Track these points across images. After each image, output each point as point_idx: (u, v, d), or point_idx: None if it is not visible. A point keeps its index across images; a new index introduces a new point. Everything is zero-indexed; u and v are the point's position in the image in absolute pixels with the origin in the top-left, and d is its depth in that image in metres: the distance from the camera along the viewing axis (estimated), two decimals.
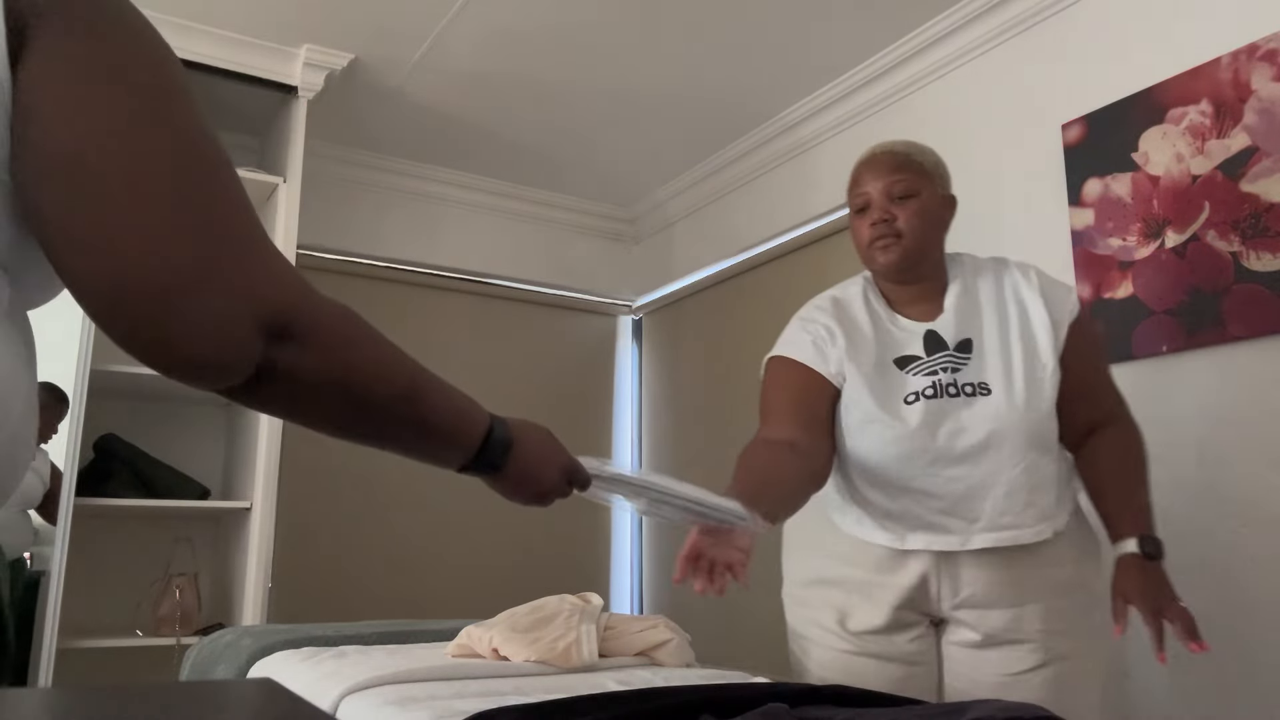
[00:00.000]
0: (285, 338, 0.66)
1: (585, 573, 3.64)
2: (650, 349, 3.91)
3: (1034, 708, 0.90)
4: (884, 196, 1.46)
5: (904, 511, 1.43)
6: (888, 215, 1.45)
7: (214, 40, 2.64)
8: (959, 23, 2.50)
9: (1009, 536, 1.38)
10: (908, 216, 1.44)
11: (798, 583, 1.59)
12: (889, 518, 1.44)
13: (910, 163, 1.48)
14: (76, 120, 0.58)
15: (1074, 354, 1.44)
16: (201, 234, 0.61)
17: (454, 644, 1.57)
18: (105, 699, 0.95)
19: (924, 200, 1.46)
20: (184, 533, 2.88)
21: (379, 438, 0.84)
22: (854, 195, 1.51)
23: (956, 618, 1.45)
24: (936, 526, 1.40)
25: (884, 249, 1.46)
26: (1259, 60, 1.87)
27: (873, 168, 1.49)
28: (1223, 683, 1.82)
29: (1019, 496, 1.38)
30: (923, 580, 1.44)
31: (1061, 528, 1.42)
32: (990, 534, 1.38)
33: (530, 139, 3.29)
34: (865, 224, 1.47)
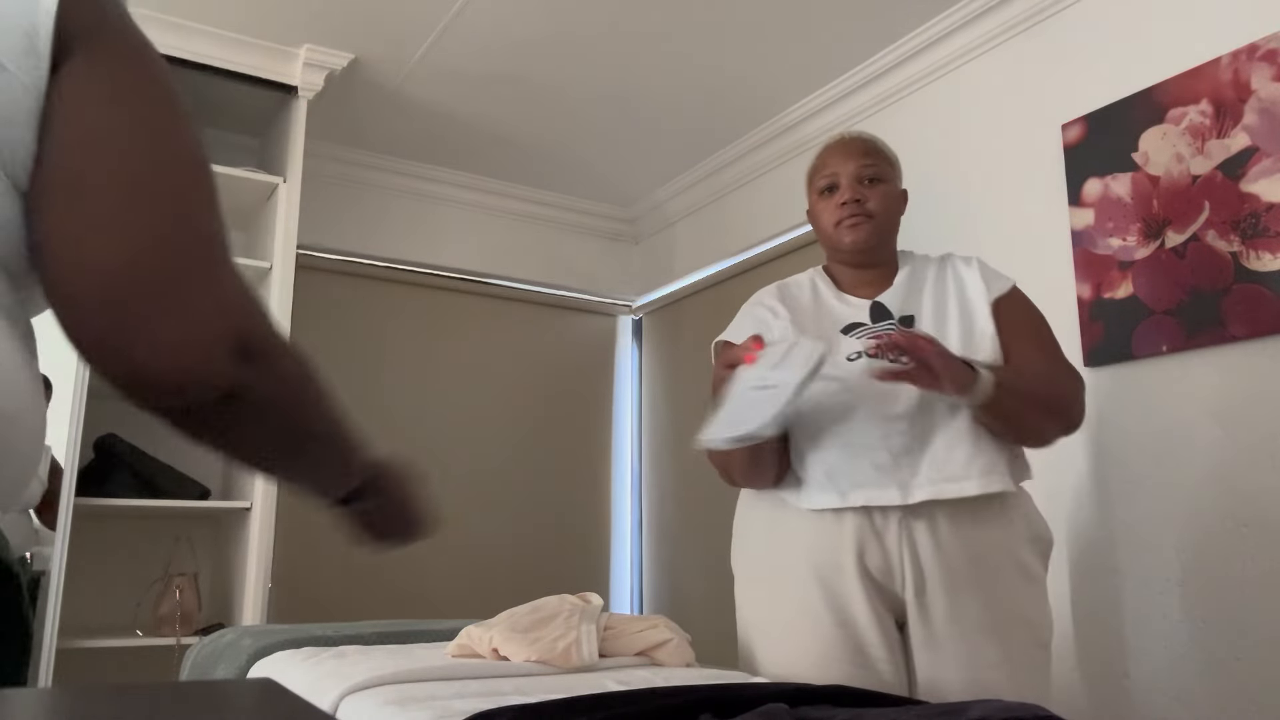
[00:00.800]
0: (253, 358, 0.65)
1: (585, 573, 3.64)
2: (650, 349, 3.91)
3: (1034, 708, 0.90)
4: (854, 179, 1.51)
5: (846, 468, 1.42)
6: (859, 196, 1.50)
7: (214, 40, 2.65)
8: (959, 23, 2.50)
9: (952, 489, 1.38)
10: (878, 198, 1.51)
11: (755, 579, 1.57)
12: (831, 477, 1.43)
13: (879, 150, 1.55)
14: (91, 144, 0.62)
15: (1010, 325, 1.47)
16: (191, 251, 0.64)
17: (454, 644, 1.57)
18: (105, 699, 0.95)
19: (890, 187, 1.54)
20: (184, 533, 2.88)
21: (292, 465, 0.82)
22: (820, 176, 1.55)
23: (921, 606, 1.41)
24: (878, 482, 1.40)
25: (853, 227, 1.50)
26: (1259, 60, 1.87)
27: (842, 151, 1.54)
28: (1223, 682, 1.82)
29: (960, 450, 1.39)
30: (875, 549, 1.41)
31: (1010, 488, 1.41)
32: (931, 486, 1.38)
33: (530, 139, 3.29)
34: (833, 204, 1.52)
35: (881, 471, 1.40)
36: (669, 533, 3.61)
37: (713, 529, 3.37)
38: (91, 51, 0.64)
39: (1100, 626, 2.05)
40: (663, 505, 3.67)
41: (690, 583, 3.45)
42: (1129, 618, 2.00)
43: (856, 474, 1.41)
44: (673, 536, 3.58)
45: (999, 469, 1.41)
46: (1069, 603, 2.12)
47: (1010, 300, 1.51)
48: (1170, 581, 1.93)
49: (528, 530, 3.54)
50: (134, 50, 0.67)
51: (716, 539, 3.34)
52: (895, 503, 1.39)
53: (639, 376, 3.94)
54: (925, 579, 1.40)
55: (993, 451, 1.41)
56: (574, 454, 3.73)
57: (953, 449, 1.40)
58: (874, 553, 1.42)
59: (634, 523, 3.81)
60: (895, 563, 1.41)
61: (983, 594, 1.40)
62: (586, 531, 3.70)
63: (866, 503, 1.40)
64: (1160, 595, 1.95)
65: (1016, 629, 1.41)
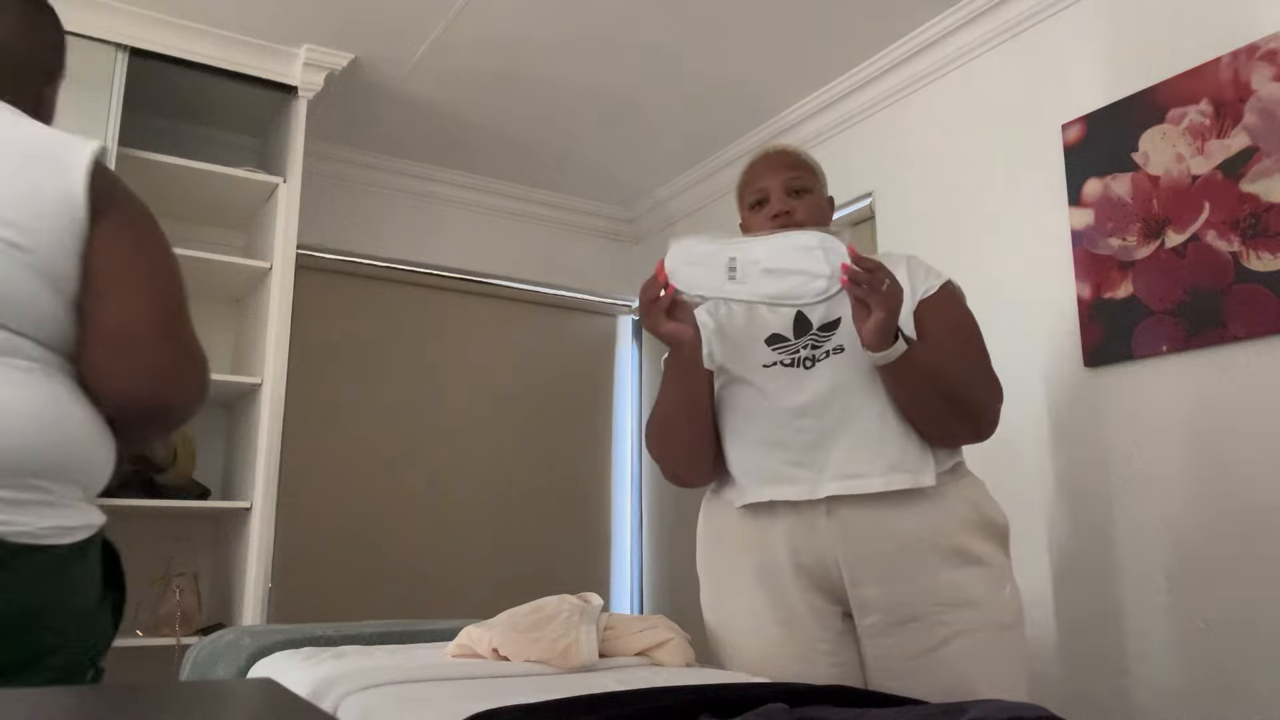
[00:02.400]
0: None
1: (585, 573, 3.64)
2: (650, 349, 3.91)
3: (1034, 707, 0.90)
4: (782, 191, 1.56)
5: (758, 465, 1.48)
6: (788, 208, 1.55)
7: (214, 40, 2.65)
8: (959, 23, 2.50)
9: (858, 484, 1.41)
10: (805, 209, 1.56)
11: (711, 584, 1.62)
12: (745, 474, 1.50)
13: (803, 162, 1.60)
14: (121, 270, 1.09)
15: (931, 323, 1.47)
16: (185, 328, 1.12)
17: (454, 644, 1.57)
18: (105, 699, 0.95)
19: (816, 197, 1.59)
20: (184, 533, 2.88)
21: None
22: (750, 190, 1.62)
23: (860, 598, 1.43)
24: (787, 477, 1.45)
25: None
26: (1259, 60, 1.87)
27: (769, 165, 1.60)
28: (1223, 682, 1.82)
29: (866, 447, 1.42)
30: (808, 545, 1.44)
31: (924, 484, 1.41)
32: (837, 482, 1.41)
33: (530, 139, 3.29)
34: (764, 217, 1.58)
35: (790, 466, 1.45)
36: (669, 533, 3.61)
37: None
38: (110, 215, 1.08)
39: (1099, 626, 2.05)
40: (663, 505, 3.67)
41: (690, 583, 3.43)
42: (1128, 617, 2.00)
43: (766, 470, 1.47)
44: (673, 536, 3.58)
45: (907, 466, 1.41)
46: (1068, 602, 2.12)
47: (936, 299, 1.50)
48: (1169, 581, 1.94)
49: (528, 530, 3.54)
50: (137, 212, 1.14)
51: None
52: (804, 497, 1.43)
53: (639, 376, 3.94)
54: (858, 570, 1.43)
55: (900, 448, 1.42)
56: (574, 454, 3.73)
57: (859, 445, 1.42)
58: (807, 549, 1.45)
59: (634, 523, 3.81)
60: (828, 557, 1.44)
61: (917, 580, 1.41)
62: (586, 531, 3.70)
63: (774, 497, 1.46)
64: (1159, 595, 1.95)
65: (961, 611, 1.40)
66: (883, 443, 1.42)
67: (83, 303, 1.05)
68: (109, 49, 2.51)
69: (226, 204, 2.91)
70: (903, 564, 1.41)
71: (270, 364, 2.62)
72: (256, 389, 2.67)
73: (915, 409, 1.42)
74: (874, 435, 1.42)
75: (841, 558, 1.43)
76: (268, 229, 2.82)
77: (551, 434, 3.68)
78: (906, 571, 1.41)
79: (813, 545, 1.45)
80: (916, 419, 1.43)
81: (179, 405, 1.08)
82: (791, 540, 1.46)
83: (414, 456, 3.37)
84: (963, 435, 1.47)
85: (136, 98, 2.77)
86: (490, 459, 3.52)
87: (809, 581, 1.46)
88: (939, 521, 1.42)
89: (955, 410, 1.42)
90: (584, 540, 3.68)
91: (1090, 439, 2.11)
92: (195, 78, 2.73)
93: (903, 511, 1.42)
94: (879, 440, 1.42)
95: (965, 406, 1.43)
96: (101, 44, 2.50)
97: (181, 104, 2.94)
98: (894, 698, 1.06)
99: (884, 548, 1.42)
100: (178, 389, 1.07)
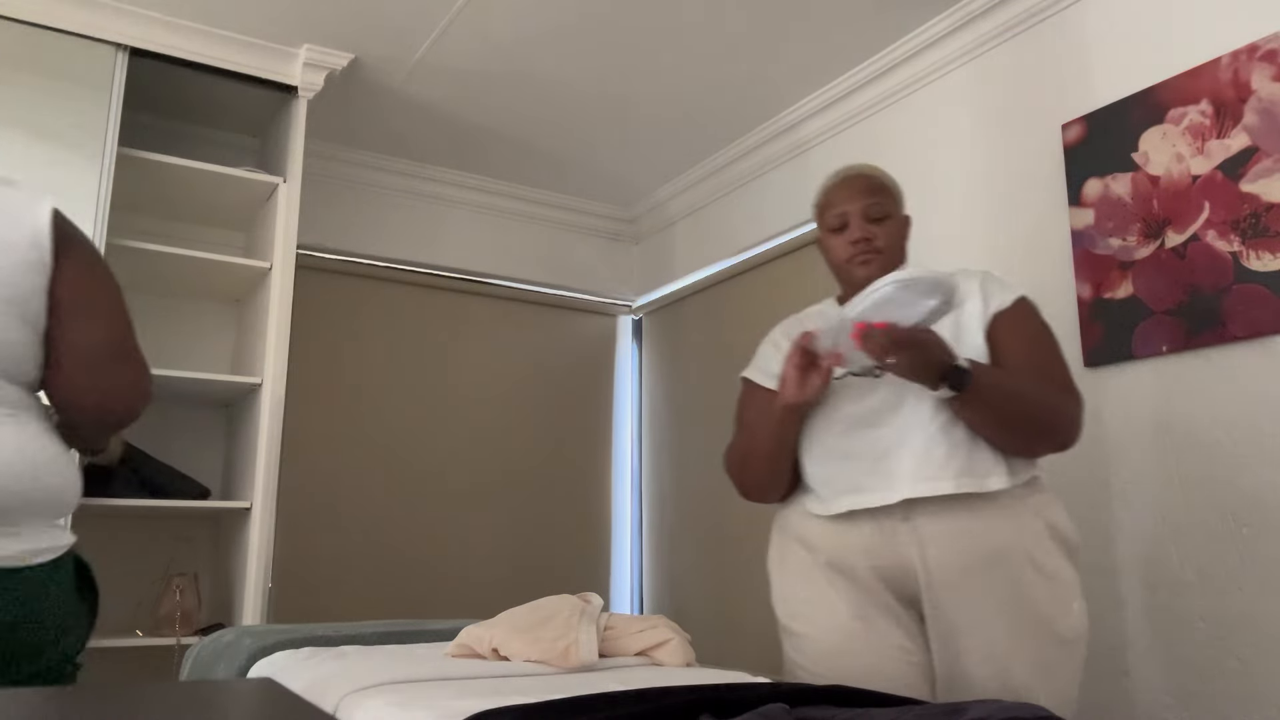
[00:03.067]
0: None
1: (585, 573, 3.64)
2: (650, 349, 3.91)
3: (1034, 708, 0.90)
4: (861, 217, 1.60)
5: (834, 477, 1.52)
6: (868, 234, 1.59)
7: (214, 40, 2.65)
8: (959, 23, 2.50)
9: (927, 487, 1.43)
10: (885, 235, 1.60)
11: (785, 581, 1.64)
12: (824, 486, 1.54)
13: (883, 186, 1.63)
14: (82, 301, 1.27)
15: (1006, 337, 1.51)
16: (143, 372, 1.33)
17: (454, 644, 1.57)
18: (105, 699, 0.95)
19: (894, 221, 1.62)
20: (184, 533, 2.88)
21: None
22: (830, 215, 1.64)
23: (933, 602, 1.46)
24: (862, 487, 1.48)
25: (864, 263, 1.60)
26: (1259, 60, 1.87)
27: (848, 190, 1.63)
28: (1222, 682, 1.82)
29: (936, 452, 1.45)
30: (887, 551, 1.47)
31: (991, 488, 1.43)
32: (911, 485, 1.44)
33: (530, 139, 3.29)
34: (844, 241, 1.61)
35: (863, 476, 1.49)
36: (669, 533, 3.61)
37: (713, 529, 3.37)
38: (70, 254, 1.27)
39: (1100, 626, 2.05)
40: (663, 505, 3.67)
41: (690, 583, 3.45)
42: (1129, 617, 2.00)
43: (842, 481, 1.51)
44: (673, 536, 3.58)
45: (978, 470, 1.44)
46: None
47: (1012, 313, 1.53)
48: (1170, 581, 1.93)
49: (528, 530, 3.54)
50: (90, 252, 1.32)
51: (716, 539, 3.35)
52: (877, 504, 1.46)
53: (639, 376, 3.94)
54: (934, 575, 1.45)
55: (969, 453, 1.45)
56: (574, 454, 3.73)
57: (929, 451, 1.45)
58: (887, 553, 1.48)
59: (634, 523, 3.81)
60: (906, 562, 1.47)
61: (987, 589, 1.43)
62: (586, 531, 3.70)
63: (851, 507, 1.49)
64: (1160, 595, 1.95)
65: (1027, 623, 1.43)
66: (953, 447, 1.45)
67: (51, 330, 1.24)
68: (109, 49, 2.51)
69: (226, 204, 2.91)
70: (975, 573, 1.44)
71: (270, 364, 2.62)
72: (256, 389, 2.67)
73: (989, 430, 1.45)
74: (942, 442, 1.45)
75: (919, 563, 1.46)
76: (268, 229, 2.82)
77: (551, 434, 3.68)
78: (978, 580, 1.43)
79: (893, 550, 1.47)
80: (993, 438, 1.46)
81: (131, 411, 1.30)
82: (871, 546, 1.49)
83: (414, 456, 3.37)
84: (1042, 448, 1.49)
85: (136, 98, 2.77)
86: (490, 459, 3.52)
87: (886, 585, 1.49)
88: (1013, 533, 1.45)
89: (1031, 428, 1.45)
90: (584, 540, 3.69)
91: (1090, 439, 2.11)
92: (195, 78, 2.73)
93: (978, 521, 1.44)
94: (949, 446, 1.45)
95: (1041, 424, 1.46)
96: (101, 44, 2.50)
97: (181, 104, 2.94)
98: (895, 698, 1.06)
99: (959, 556, 1.44)
100: (130, 398, 1.29)
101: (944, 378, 1.39)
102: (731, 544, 3.24)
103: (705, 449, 3.45)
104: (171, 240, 2.90)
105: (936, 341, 1.38)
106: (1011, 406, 1.43)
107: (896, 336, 1.34)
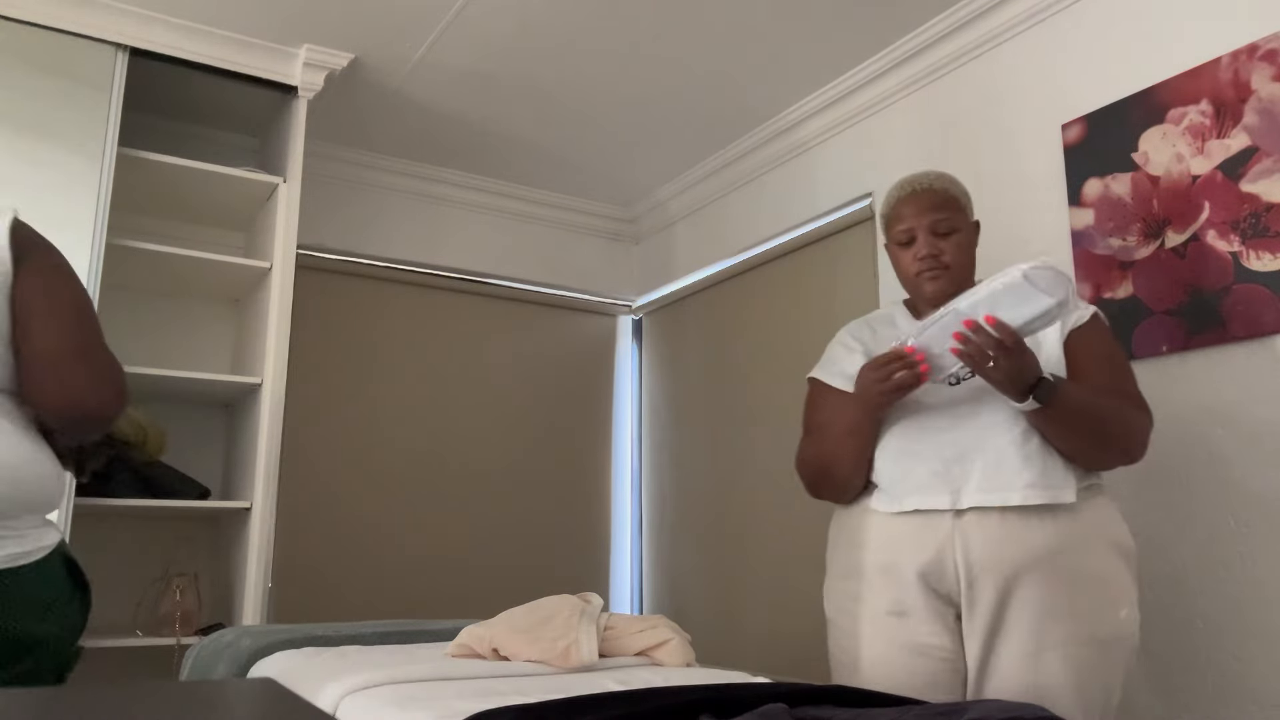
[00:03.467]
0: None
1: (585, 573, 3.64)
2: (650, 349, 3.91)
3: (1034, 708, 0.90)
4: (929, 233, 1.61)
5: (904, 475, 1.53)
6: (935, 250, 1.61)
7: (214, 40, 2.65)
8: (959, 23, 2.50)
9: (997, 497, 1.45)
10: (953, 250, 1.61)
11: (833, 575, 1.67)
12: (894, 484, 1.55)
13: (950, 200, 1.63)
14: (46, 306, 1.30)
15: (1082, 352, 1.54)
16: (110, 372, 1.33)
17: (454, 644, 1.57)
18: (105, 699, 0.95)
19: (963, 234, 1.63)
20: (184, 533, 2.88)
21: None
22: (897, 230, 1.65)
23: (972, 598, 1.47)
24: (931, 488, 1.50)
25: (933, 279, 1.62)
26: (1259, 60, 1.87)
27: (915, 204, 1.63)
28: (1222, 682, 1.82)
29: (1009, 462, 1.46)
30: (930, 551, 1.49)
31: (1064, 501, 1.45)
32: (979, 494, 1.46)
33: (530, 139, 3.29)
34: (912, 256, 1.63)
35: (934, 478, 1.50)
36: (669, 533, 3.61)
37: (713, 529, 3.37)
38: (32, 261, 1.31)
39: None
40: (663, 505, 3.67)
41: (690, 583, 3.45)
42: None
43: (911, 480, 1.52)
44: (673, 536, 3.58)
45: (1048, 483, 1.45)
46: None
47: (1087, 329, 1.57)
48: (1170, 581, 1.94)
49: (528, 530, 3.54)
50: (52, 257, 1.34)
51: (716, 539, 3.35)
52: (945, 507, 1.48)
53: (639, 376, 3.94)
54: (975, 571, 1.46)
55: (1042, 465, 1.46)
56: (574, 454, 3.73)
57: (1002, 460, 1.47)
58: (930, 545, 1.50)
59: (634, 523, 3.81)
60: (947, 556, 1.48)
61: (1029, 587, 1.44)
62: (586, 531, 3.70)
63: (918, 507, 1.50)
64: (1160, 594, 1.95)
65: (1065, 623, 1.44)
66: (1025, 459, 1.46)
67: (16, 335, 1.28)
68: (109, 49, 2.51)
69: (226, 204, 2.91)
70: (1019, 575, 1.45)
71: (270, 364, 2.62)
72: (256, 389, 2.67)
73: (1066, 444, 1.47)
74: (1016, 452, 1.47)
75: (960, 558, 1.47)
76: (268, 229, 2.82)
77: (551, 434, 3.68)
78: (1022, 582, 1.45)
79: (935, 546, 1.49)
80: (1067, 451, 1.48)
81: (100, 411, 1.31)
82: (918, 543, 1.50)
83: (414, 456, 3.37)
84: (1113, 461, 1.52)
85: (136, 98, 2.77)
86: (490, 458, 3.52)
87: (926, 581, 1.50)
88: (1064, 536, 1.46)
89: (1106, 442, 1.48)
90: (584, 540, 3.69)
91: None
92: (195, 78, 2.73)
93: (1030, 523, 1.46)
94: (1022, 458, 1.46)
95: (1116, 439, 1.48)
96: (101, 44, 2.50)
97: (181, 104, 2.94)
98: (894, 698, 1.06)
99: (1005, 554, 1.45)
100: (98, 398, 1.30)
101: (1031, 389, 1.40)
102: (732, 544, 3.24)
103: (705, 449, 3.45)
104: (171, 240, 2.90)
105: (1030, 352, 1.40)
106: (1090, 422, 1.45)
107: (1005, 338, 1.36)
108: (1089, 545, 1.47)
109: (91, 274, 2.36)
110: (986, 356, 1.38)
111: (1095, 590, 1.46)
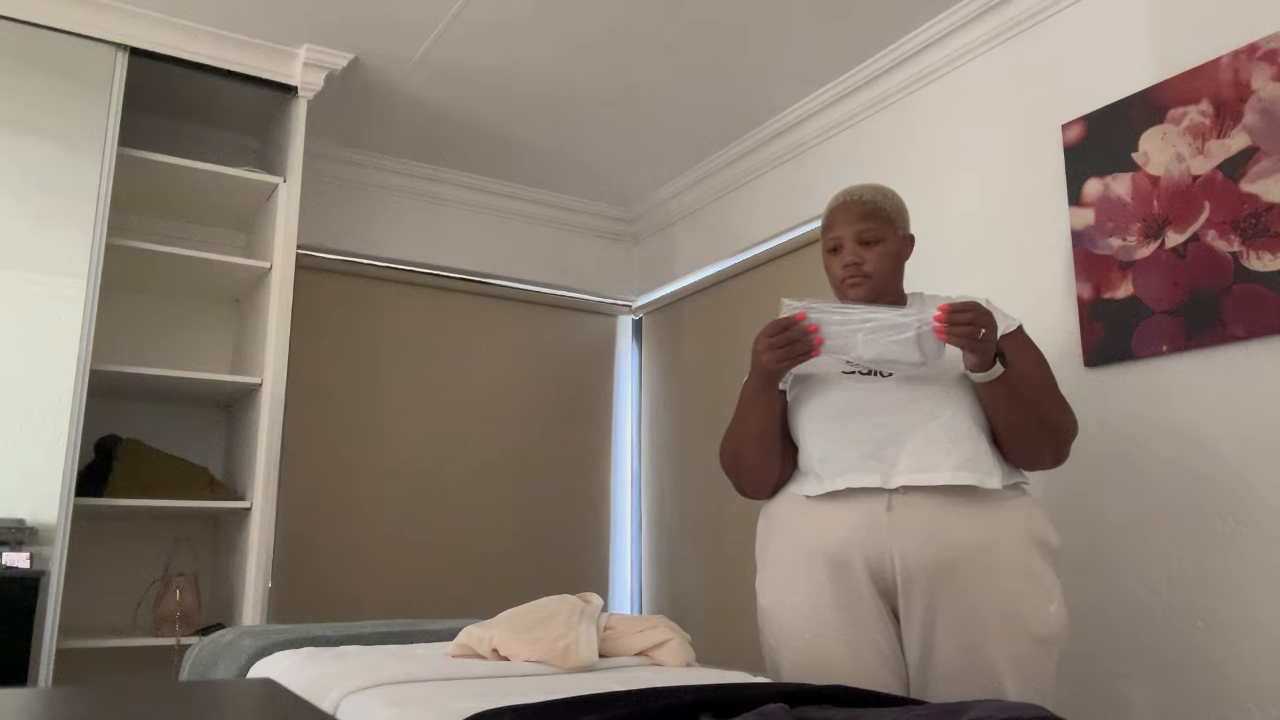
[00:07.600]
0: None
1: (585, 573, 3.64)
2: (650, 349, 3.91)
3: (1034, 708, 0.90)
4: (854, 241, 1.66)
5: (834, 457, 1.57)
6: (858, 259, 1.66)
7: (214, 40, 2.65)
8: (959, 23, 2.50)
9: (925, 477, 1.50)
10: (874, 259, 1.66)
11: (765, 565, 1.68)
12: (822, 464, 1.58)
13: (878, 211, 1.68)
14: None
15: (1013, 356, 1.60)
16: None
17: (454, 644, 1.57)
18: (105, 699, 0.95)
19: (888, 245, 1.67)
20: (184, 533, 2.88)
21: None
22: (828, 237, 1.71)
23: (908, 595, 1.50)
24: (861, 468, 1.54)
25: (854, 285, 1.67)
26: (1259, 60, 1.87)
27: (844, 214, 1.69)
28: (1221, 681, 1.83)
29: (938, 445, 1.52)
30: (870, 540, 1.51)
31: (990, 486, 1.50)
32: (908, 474, 1.51)
33: (530, 139, 3.29)
34: (838, 263, 1.69)
35: (865, 459, 1.54)
36: (669, 533, 3.61)
37: (712, 529, 3.37)
38: None
39: (1100, 626, 2.05)
40: (663, 505, 3.67)
41: (690, 583, 3.45)
42: (1128, 617, 2.00)
43: (842, 461, 1.56)
44: (673, 536, 3.58)
45: (975, 467, 1.51)
46: (1068, 602, 2.12)
47: (1018, 336, 1.63)
48: (1169, 581, 1.94)
49: (528, 530, 3.54)
50: None
51: (716, 539, 3.35)
52: (876, 485, 1.52)
53: (639, 376, 3.94)
54: (910, 569, 1.50)
55: (972, 449, 1.52)
56: (574, 454, 3.73)
57: (931, 443, 1.53)
58: (870, 542, 1.52)
59: (634, 523, 3.81)
60: (885, 553, 1.51)
61: (963, 586, 1.48)
62: (586, 531, 3.70)
63: (849, 485, 1.54)
64: (1160, 595, 1.95)
65: (1001, 621, 1.47)
66: (955, 442, 1.52)
67: None
68: (109, 49, 2.51)
69: (226, 204, 2.91)
70: (952, 569, 1.48)
71: (270, 364, 2.62)
72: (256, 389, 2.67)
73: (1010, 427, 1.53)
74: (946, 435, 1.53)
75: (897, 555, 1.50)
76: (268, 229, 2.82)
77: (551, 434, 3.68)
78: (955, 577, 1.48)
79: (874, 541, 1.52)
80: (1009, 437, 1.54)
81: None
82: (855, 535, 1.53)
83: (413, 456, 3.37)
84: (1044, 459, 1.57)
85: (136, 98, 2.78)
86: (490, 459, 3.52)
87: (869, 575, 1.53)
88: (993, 533, 1.50)
89: (1045, 434, 1.54)
90: (584, 540, 3.69)
91: (1090, 439, 2.11)
92: (195, 78, 2.73)
93: (960, 519, 1.50)
94: (951, 440, 1.52)
95: (1053, 433, 1.54)
96: (101, 44, 2.50)
97: (181, 104, 2.94)
98: (894, 698, 1.06)
99: (937, 552, 1.49)
100: None
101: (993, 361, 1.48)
102: (731, 544, 3.24)
103: (705, 449, 3.45)
104: (171, 240, 2.90)
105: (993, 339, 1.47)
106: (1033, 407, 1.52)
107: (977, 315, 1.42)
108: (1021, 544, 1.50)
109: (91, 274, 2.36)
110: (978, 329, 1.43)
111: (1029, 588, 1.49)
